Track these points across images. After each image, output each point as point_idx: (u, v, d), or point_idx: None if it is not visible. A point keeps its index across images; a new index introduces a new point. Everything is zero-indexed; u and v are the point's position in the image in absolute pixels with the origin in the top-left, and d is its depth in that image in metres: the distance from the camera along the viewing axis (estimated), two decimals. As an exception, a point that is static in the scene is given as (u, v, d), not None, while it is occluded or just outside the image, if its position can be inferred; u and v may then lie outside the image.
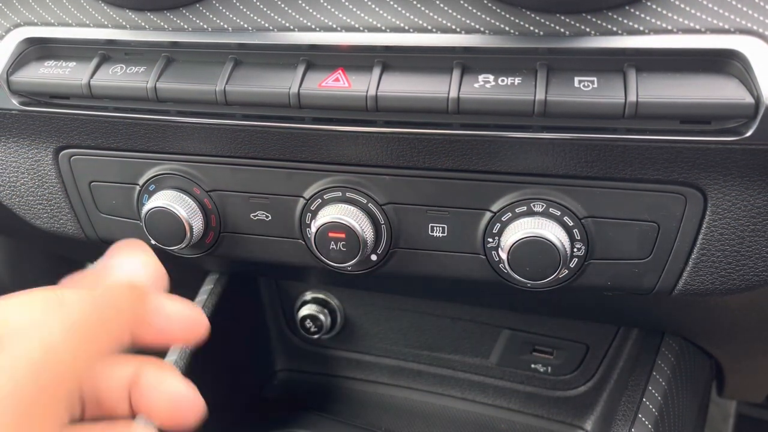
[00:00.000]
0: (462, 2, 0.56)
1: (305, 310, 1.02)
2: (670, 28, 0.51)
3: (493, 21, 0.55)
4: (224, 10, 0.61)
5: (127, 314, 0.41)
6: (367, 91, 0.56)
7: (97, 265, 0.48)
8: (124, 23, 0.63)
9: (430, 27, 0.56)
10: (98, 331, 0.38)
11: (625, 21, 0.52)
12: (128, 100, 0.63)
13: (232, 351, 1.00)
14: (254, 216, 0.68)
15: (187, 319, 0.48)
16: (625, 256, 0.61)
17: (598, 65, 0.54)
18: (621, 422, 0.82)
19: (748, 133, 0.50)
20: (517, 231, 0.59)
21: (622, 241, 0.60)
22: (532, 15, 0.54)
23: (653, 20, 0.52)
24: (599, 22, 0.52)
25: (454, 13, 0.56)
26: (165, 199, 0.67)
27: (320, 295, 1.02)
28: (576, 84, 0.52)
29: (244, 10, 0.60)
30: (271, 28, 0.59)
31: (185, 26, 0.61)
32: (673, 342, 0.86)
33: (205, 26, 0.61)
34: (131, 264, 0.48)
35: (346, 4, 0.58)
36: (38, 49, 0.66)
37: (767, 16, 0.50)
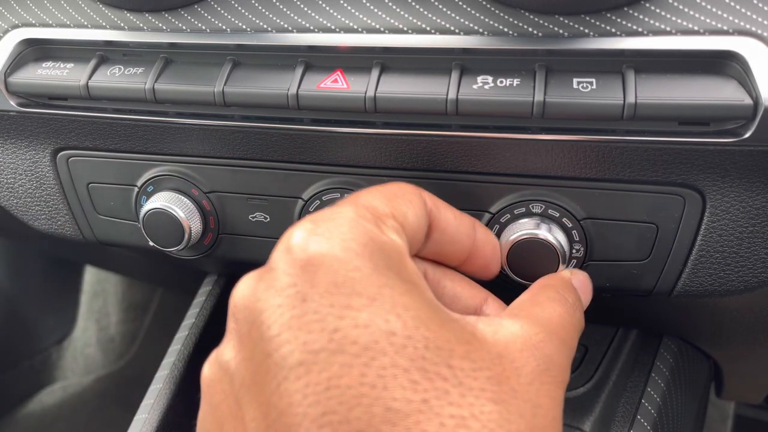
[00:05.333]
0: (460, 3, 0.56)
1: (304, 312, 1.02)
2: (668, 29, 0.51)
3: (491, 22, 0.55)
4: (222, 11, 0.61)
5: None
6: (365, 93, 0.55)
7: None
8: (122, 24, 0.63)
9: (428, 28, 0.56)
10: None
11: (624, 22, 0.52)
12: (126, 101, 0.63)
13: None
14: (253, 217, 0.68)
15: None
16: (623, 258, 0.61)
17: (597, 66, 0.54)
18: (619, 424, 0.82)
19: (747, 135, 0.50)
20: (516, 232, 0.59)
21: (621, 243, 0.60)
22: (531, 16, 0.54)
23: (652, 21, 0.52)
24: (598, 23, 0.52)
25: (453, 15, 0.56)
26: (163, 201, 0.67)
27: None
28: (575, 85, 0.52)
29: (243, 11, 0.60)
30: (269, 29, 0.59)
31: (183, 27, 0.61)
32: (672, 343, 0.86)
33: (204, 27, 0.61)
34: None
35: (345, 5, 0.58)
36: (36, 50, 0.66)
37: (766, 17, 0.50)
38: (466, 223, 0.52)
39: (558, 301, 0.48)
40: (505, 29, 0.54)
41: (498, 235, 0.62)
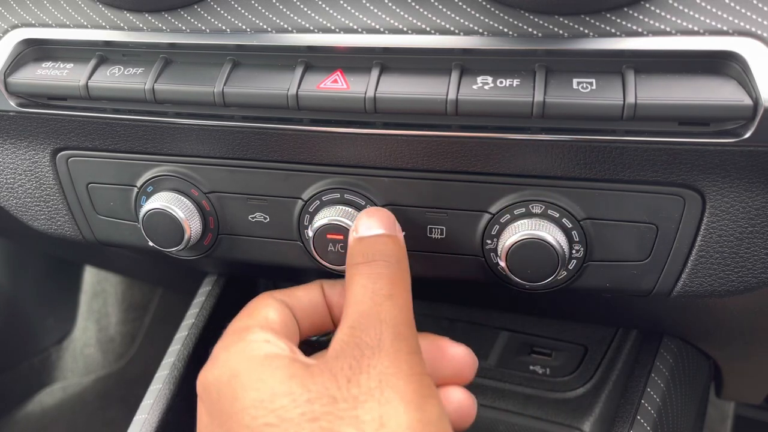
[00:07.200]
0: (460, 4, 0.56)
1: (303, 312, 1.02)
2: (668, 29, 0.51)
3: (491, 22, 0.55)
4: (222, 12, 0.61)
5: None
6: (365, 93, 0.55)
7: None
8: (121, 24, 0.63)
9: (428, 28, 0.56)
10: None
11: (624, 23, 0.52)
12: (126, 102, 0.63)
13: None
14: (252, 218, 0.68)
15: None
16: (623, 258, 0.61)
17: (597, 67, 0.54)
18: (619, 424, 0.82)
19: (747, 135, 0.50)
20: (516, 233, 0.59)
21: (621, 243, 0.60)
22: (531, 16, 0.54)
23: (651, 22, 0.52)
24: (597, 23, 0.52)
25: (453, 15, 0.55)
26: (163, 201, 0.67)
27: (318, 297, 1.02)
28: (574, 85, 0.52)
29: (242, 11, 0.60)
30: (269, 29, 0.59)
31: (183, 27, 0.61)
32: (672, 343, 0.86)
33: (203, 27, 0.61)
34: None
35: (345, 5, 0.58)
36: (36, 51, 0.66)
37: (765, 18, 0.50)
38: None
39: (354, 282, 0.52)
40: (505, 29, 0.54)
41: (498, 235, 0.62)
